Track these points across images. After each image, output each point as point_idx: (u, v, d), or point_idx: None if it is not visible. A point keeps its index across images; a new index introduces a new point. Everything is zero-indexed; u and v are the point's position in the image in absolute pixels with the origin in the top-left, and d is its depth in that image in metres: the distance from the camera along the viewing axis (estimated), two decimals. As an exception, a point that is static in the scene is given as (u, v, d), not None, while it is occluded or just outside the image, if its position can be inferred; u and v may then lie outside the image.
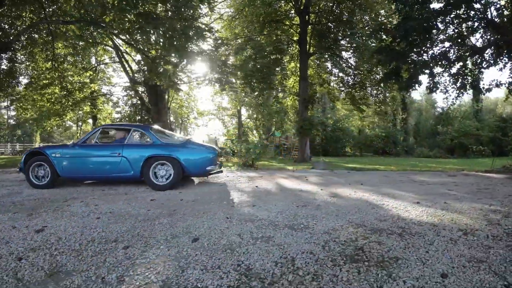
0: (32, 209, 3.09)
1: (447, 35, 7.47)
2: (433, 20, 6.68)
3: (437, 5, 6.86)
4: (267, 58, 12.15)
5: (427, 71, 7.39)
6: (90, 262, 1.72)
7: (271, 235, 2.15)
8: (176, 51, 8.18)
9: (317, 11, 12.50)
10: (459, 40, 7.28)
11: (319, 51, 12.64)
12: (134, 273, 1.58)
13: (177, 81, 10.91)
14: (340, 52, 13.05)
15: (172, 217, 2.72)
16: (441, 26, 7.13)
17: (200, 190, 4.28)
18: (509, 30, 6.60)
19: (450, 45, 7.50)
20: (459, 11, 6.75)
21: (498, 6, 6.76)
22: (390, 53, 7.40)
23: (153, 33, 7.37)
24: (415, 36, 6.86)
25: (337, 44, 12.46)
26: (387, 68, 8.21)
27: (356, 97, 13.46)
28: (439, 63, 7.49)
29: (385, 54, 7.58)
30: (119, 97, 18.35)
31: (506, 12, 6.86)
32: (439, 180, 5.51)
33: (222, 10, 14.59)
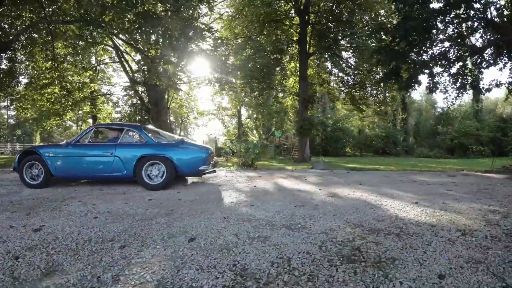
0: (30, 208, 3.10)
1: (446, 35, 7.46)
2: (433, 20, 6.66)
3: (437, 5, 6.82)
4: (267, 58, 12.14)
5: (426, 71, 7.37)
6: (86, 261, 1.73)
7: (268, 235, 2.14)
8: (176, 51, 8.19)
9: (317, 11, 12.50)
10: (459, 40, 7.27)
11: (319, 51, 12.63)
12: (129, 273, 1.58)
13: (177, 81, 10.91)
14: (340, 52, 13.04)
15: (169, 216, 2.72)
16: (440, 26, 7.12)
17: (198, 190, 4.28)
18: (509, 30, 6.58)
19: (449, 45, 7.48)
20: (458, 11, 6.74)
21: (498, 6, 6.75)
22: (390, 53, 7.40)
23: (152, 33, 7.37)
24: (414, 36, 6.85)
25: (337, 44, 12.45)
26: (386, 68, 8.20)
27: (356, 97, 13.45)
28: (439, 63, 7.48)
29: (384, 54, 7.57)
30: (119, 97, 18.36)
31: (506, 12, 6.85)
32: (439, 180, 5.49)
33: (222, 10, 14.61)
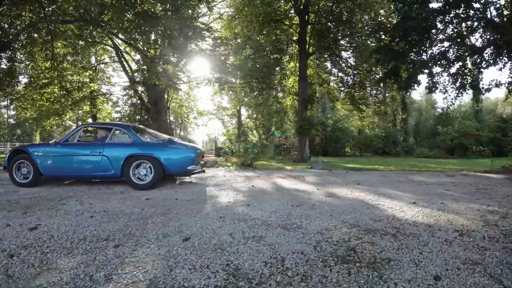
0: (27, 208, 3.10)
1: (446, 34, 7.43)
2: (432, 20, 6.64)
3: (436, 4, 6.79)
4: (267, 58, 12.14)
5: (426, 70, 7.34)
6: (80, 260, 1.73)
7: (263, 235, 2.14)
8: (175, 51, 8.19)
9: (316, 10, 12.49)
10: (459, 40, 7.24)
11: (319, 51, 12.62)
12: (122, 272, 1.58)
13: (176, 81, 10.91)
14: (340, 52, 13.02)
15: (165, 216, 2.71)
16: (440, 26, 7.10)
17: (195, 190, 4.27)
18: (508, 30, 6.56)
19: (449, 44, 7.45)
20: (458, 10, 6.72)
21: (498, 5, 6.72)
22: (389, 53, 7.37)
23: (151, 33, 7.36)
24: (414, 36, 6.83)
25: (337, 44, 12.43)
26: (386, 68, 8.18)
27: (355, 97, 13.43)
28: (438, 62, 7.45)
29: (384, 53, 7.55)
30: (119, 97, 18.34)
31: (505, 12, 6.82)
32: (437, 180, 5.48)
33: (222, 10, 14.61)
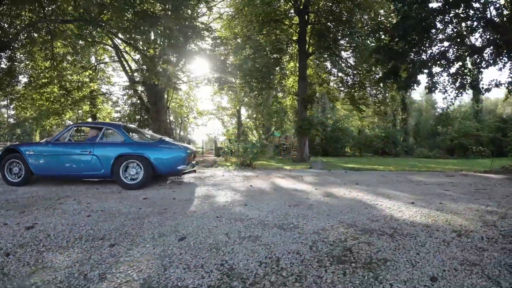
0: (24, 207, 3.10)
1: (446, 34, 7.41)
2: (432, 19, 6.62)
3: (436, 4, 6.77)
4: (267, 58, 12.13)
5: (425, 70, 7.32)
6: (75, 259, 1.73)
7: (259, 235, 2.13)
8: (175, 50, 8.18)
9: (316, 10, 12.48)
10: (458, 40, 7.21)
11: (319, 51, 12.61)
12: (116, 271, 1.58)
13: (176, 81, 10.90)
14: (339, 52, 13.00)
15: (162, 215, 2.71)
16: (440, 26, 7.08)
17: (193, 189, 4.26)
18: (508, 30, 6.54)
19: (449, 44, 7.43)
20: (458, 10, 6.69)
21: (498, 5, 6.69)
22: (388, 53, 7.36)
23: (151, 32, 7.36)
24: (413, 36, 6.81)
25: (336, 44, 12.42)
26: (385, 68, 8.16)
27: (355, 97, 13.41)
28: (438, 62, 7.42)
29: (383, 53, 7.54)
30: (119, 97, 18.36)
31: (505, 12, 6.80)
32: (437, 180, 5.46)
33: (222, 9, 14.61)
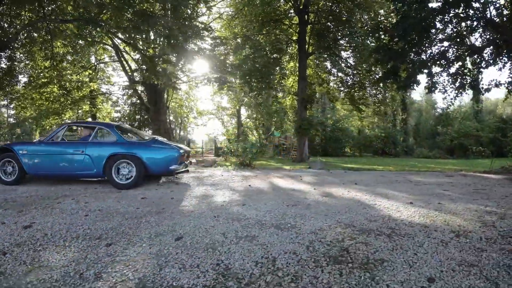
0: (23, 206, 3.11)
1: (445, 34, 7.40)
2: (432, 19, 6.61)
3: (436, 4, 6.75)
4: (266, 58, 12.12)
5: (425, 70, 7.30)
6: (71, 258, 1.73)
7: (256, 235, 2.12)
8: (174, 50, 8.17)
9: (316, 10, 12.47)
10: (458, 40, 7.20)
11: (318, 51, 12.59)
12: (112, 270, 1.57)
13: (176, 80, 10.89)
14: (339, 51, 12.99)
15: (159, 215, 2.70)
16: (439, 25, 7.07)
17: (191, 189, 4.26)
18: (508, 30, 6.53)
19: (449, 44, 7.42)
20: (458, 10, 6.68)
21: (498, 5, 6.68)
22: (388, 53, 7.34)
23: (150, 32, 7.35)
24: (413, 35, 6.80)
25: (336, 44, 12.40)
26: (385, 68, 8.15)
27: (355, 97, 13.39)
28: (438, 62, 7.41)
29: (383, 53, 7.52)
30: (119, 96, 18.35)
31: (505, 12, 6.79)
32: (436, 180, 5.45)
33: (222, 9, 14.60)
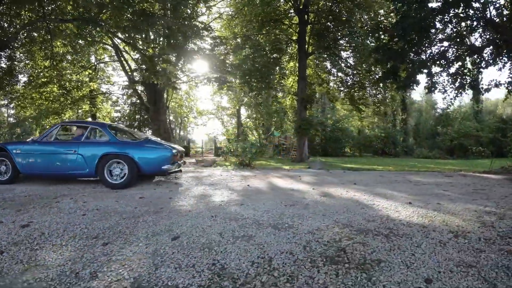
0: (21, 205, 3.11)
1: (445, 34, 7.38)
2: (432, 19, 6.60)
3: (436, 4, 6.75)
4: (266, 58, 12.11)
5: (425, 70, 7.29)
6: (68, 257, 1.73)
7: (253, 234, 2.12)
8: (174, 50, 8.17)
9: (316, 10, 12.46)
10: (458, 40, 7.19)
11: (318, 51, 12.58)
12: (108, 269, 1.57)
13: (176, 80, 10.88)
14: (339, 51, 12.97)
15: (157, 215, 2.70)
16: (439, 25, 7.05)
17: (190, 189, 4.25)
18: (508, 30, 6.52)
19: (448, 44, 7.40)
20: (457, 10, 6.67)
21: (498, 5, 6.67)
22: (387, 52, 7.33)
23: (149, 31, 7.35)
24: (413, 35, 6.79)
25: (336, 44, 12.39)
26: (385, 68, 8.14)
27: (355, 97, 13.37)
28: (437, 62, 7.40)
29: (382, 53, 7.51)
30: (118, 96, 18.35)
31: (505, 12, 6.77)
32: (435, 180, 5.44)
33: (222, 9, 14.60)
